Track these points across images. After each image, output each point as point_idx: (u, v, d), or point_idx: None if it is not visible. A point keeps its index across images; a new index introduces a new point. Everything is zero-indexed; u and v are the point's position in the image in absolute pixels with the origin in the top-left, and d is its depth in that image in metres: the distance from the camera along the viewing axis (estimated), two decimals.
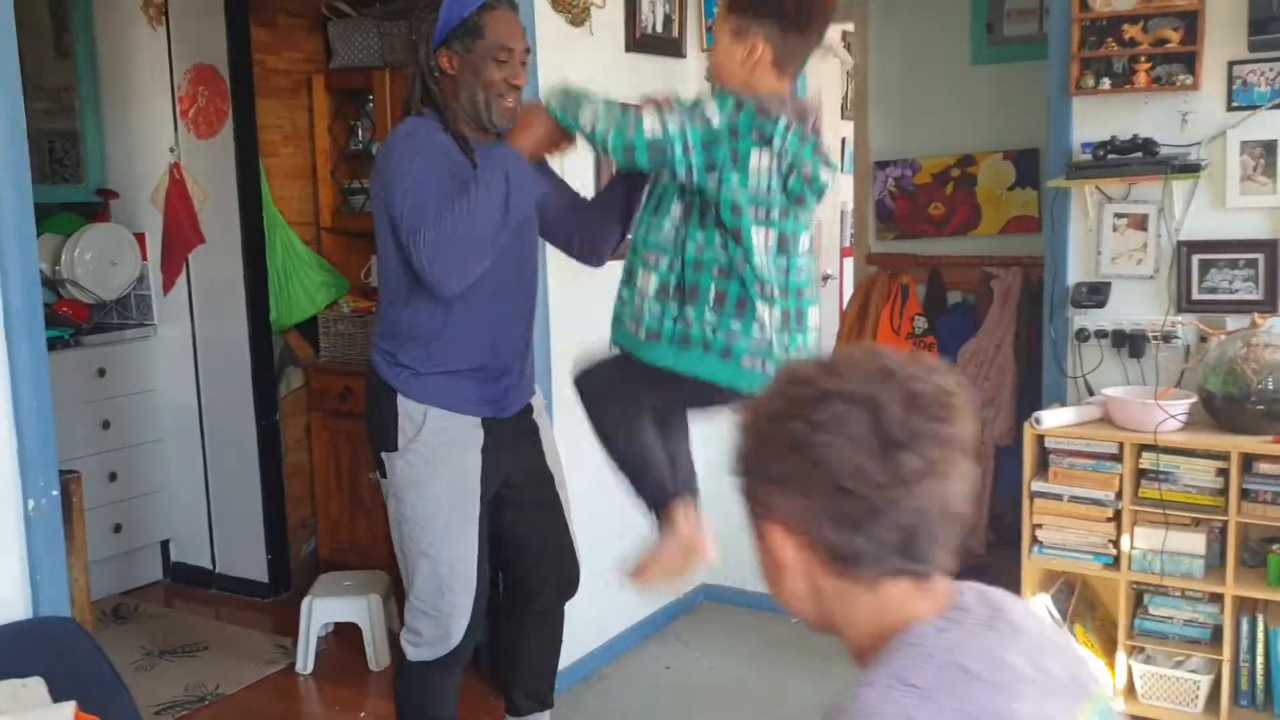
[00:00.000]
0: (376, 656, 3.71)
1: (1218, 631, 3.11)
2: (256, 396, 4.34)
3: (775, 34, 2.04)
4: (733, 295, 2.05)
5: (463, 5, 2.35)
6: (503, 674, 2.89)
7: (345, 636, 3.85)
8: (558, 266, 3.06)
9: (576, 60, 3.38)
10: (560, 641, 2.87)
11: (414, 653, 2.53)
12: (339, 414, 4.39)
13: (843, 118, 6.30)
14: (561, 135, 2.24)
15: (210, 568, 4.52)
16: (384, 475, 2.51)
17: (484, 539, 2.52)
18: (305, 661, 3.71)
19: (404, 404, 2.44)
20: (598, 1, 3.46)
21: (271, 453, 4.39)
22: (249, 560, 4.42)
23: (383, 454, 2.49)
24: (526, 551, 2.70)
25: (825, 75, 6.17)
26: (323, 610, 3.73)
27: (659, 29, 3.76)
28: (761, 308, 2.06)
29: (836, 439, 1.01)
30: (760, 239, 2.04)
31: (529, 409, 2.65)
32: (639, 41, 3.66)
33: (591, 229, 2.54)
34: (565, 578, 2.77)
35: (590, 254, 2.59)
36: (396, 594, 3.93)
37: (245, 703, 3.54)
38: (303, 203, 4.54)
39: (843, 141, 6.34)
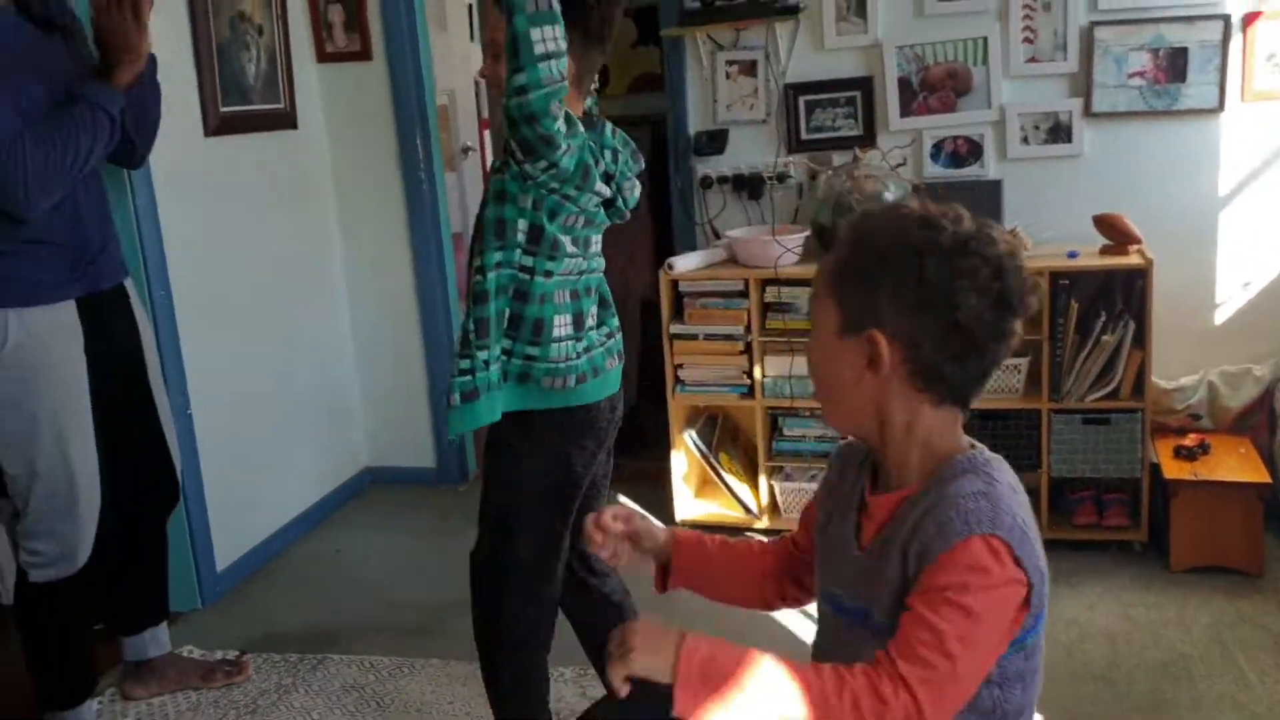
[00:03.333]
0: (6, 589, 3.39)
1: None
2: None
3: (576, 50, 1.86)
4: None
5: None
6: (112, 592, 2.68)
7: None
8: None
9: None
10: (167, 550, 2.72)
11: (39, 574, 2.33)
12: None
13: None
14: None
15: None
16: None
17: (98, 442, 2.33)
18: None
19: None
20: None
21: None
22: None
23: None
24: (116, 459, 2.50)
25: None
26: None
27: None
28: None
29: (970, 287, 1.16)
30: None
31: (124, 296, 2.45)
32: None
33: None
34: (160, 488, 2.61)
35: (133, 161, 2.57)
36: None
37: None
38: None
39: (469, 8, 6.20)
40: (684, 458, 3.50)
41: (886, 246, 1.19)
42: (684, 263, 3.40)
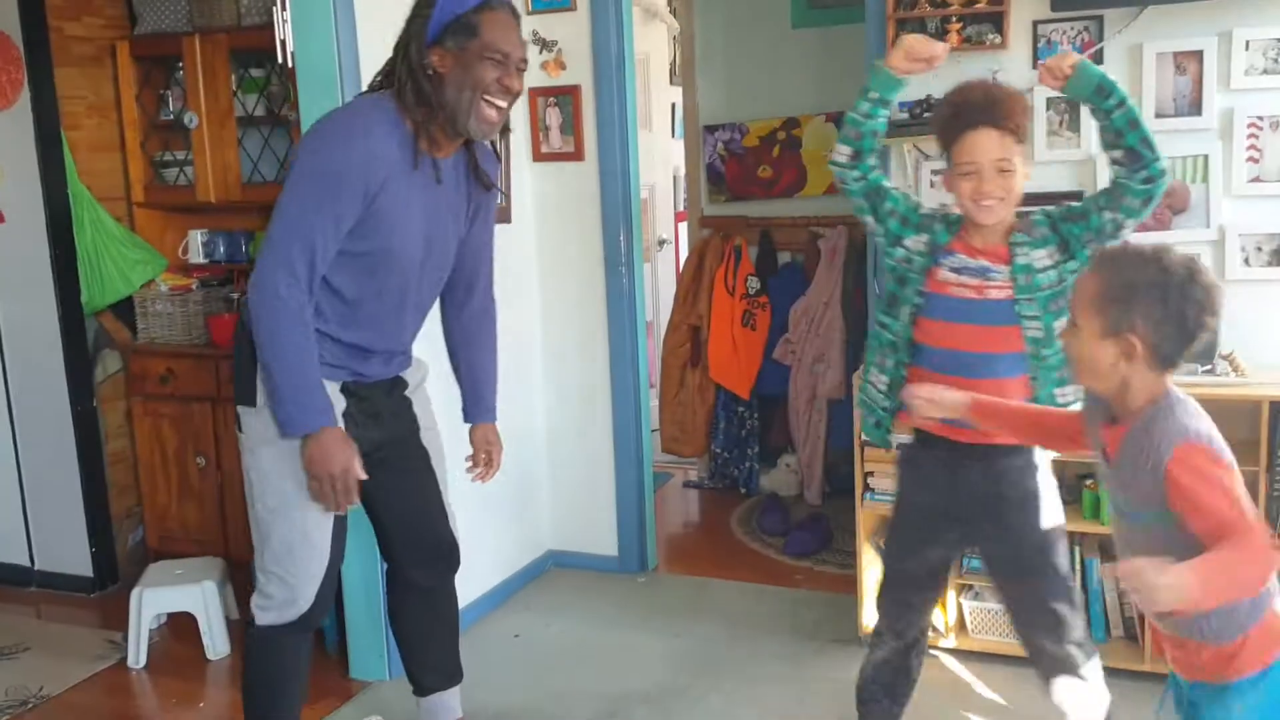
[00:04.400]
0: (214, 645, 3.58)
1: None
2: (70, 382, 4.11)
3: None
4: None
5: (459, 2, 2.27)
6: (404, 654, 2.84)
7: (180, 627, 3.71)
8: None
9: (392, 26, 3.28)
10: (456, 614, 2.84)
11: (263, 616, 2.46)
12: (161, 397, 4.21)
13: (671, 83, 6.34)
14: None
15: (29, 565, 4.28)
16: (240, 429, 2.43)
17: (382, 506, 2.50)
18: (137, 655, 3.56)
19: None
20: None
21: (90, 441, 4.17)
22: (71, 555, 4.20)
23: (240, 408, 2.41)
24: (396, 526, 2.66)
25: (653, 41, 6.18)
26: (154, 600, 3.58)
27: None
28: None
29: (1193, 306, 1.72)
30: None
31: (401, 382, 2.60)
32: None
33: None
34: (439, 554, 2.73)
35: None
36: (233, 580, 3.81)
37: (74, 702, 3.37)
38: (112, 177, 4.30)
39: (672, 107, 6.39)
40: (870, 567, 3.44)
41: (1140, 280, 1.75)
42: None
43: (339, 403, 2.42)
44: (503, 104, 2.34)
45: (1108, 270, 1.79)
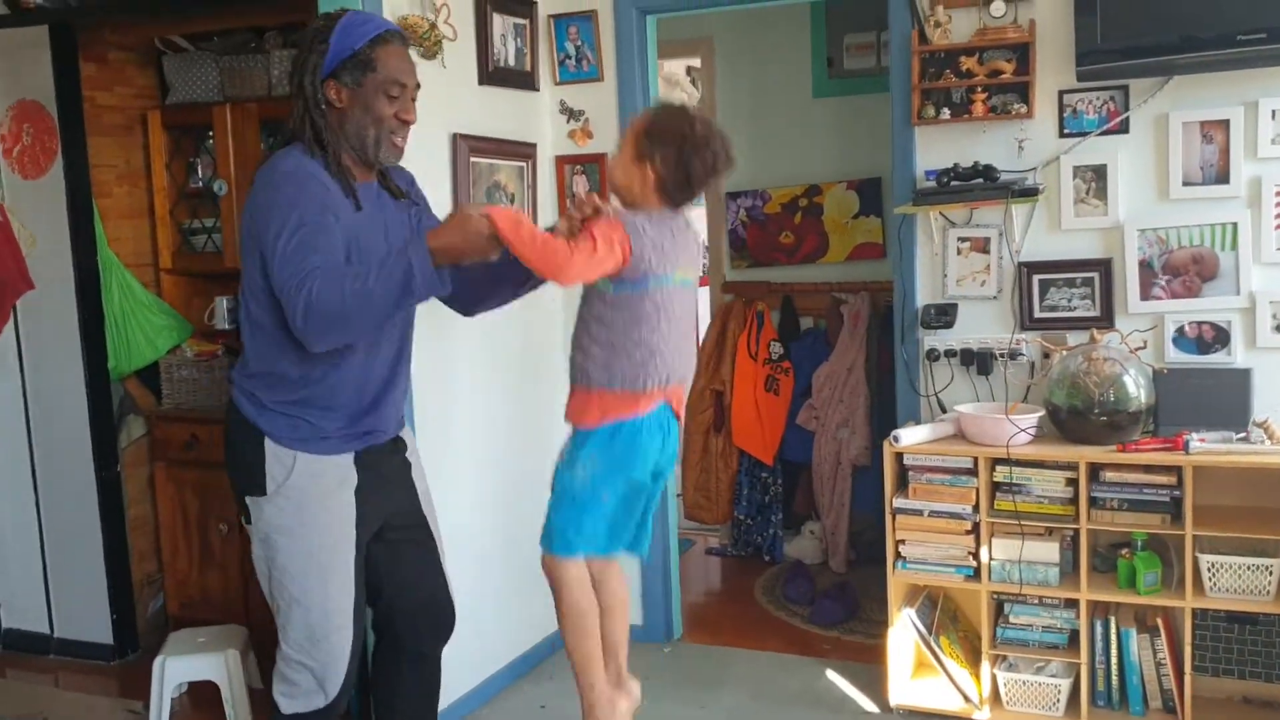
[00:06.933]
0: (236, 715, 3.53)
1: (1074, 636, 3.24)
2: (95, 448, 4.11)
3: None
4: None
5: (354, 37, 2.30)
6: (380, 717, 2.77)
7: (201, 696, 3.66)
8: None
9: (429, 93, 3.33)
10: (439, 687, 2.77)
11: (289, 705, 2.41)
12: (184, 463, 4.19)
13: None
14: (489, 247, 2.24)
15: (48, 632, 4.25)
16: (249, 520, 2.41)
17: (361, 584, 2.44)
18: None
19: (271, 447, 2.35)
20: (449, 35, 3.42)
21: (112, 507, 4.16)
22: (91, 622, 4.17)
23: (247, 499, 2.39)
24: (398, 593, 2.61)
25: None
26: (176, 670, 3.54)
27: (511, 62, 3.74)
28: None
29: (696, 160, 2.36)
30: None
31: (401, 444, 2.59)
32: (491, 75, 3.63)
33: (478, 291, 2.60)
34: (439, 620, 2.69)
35: (468, 308, 2.68)
36: (255, 648, 3.77)
37: None
38: (140, 244, 4.33)
39: None
40: (901, 636, 3.39)
41: (670, 128, 2.37)
42: (910, 435, 3.35)
43: (351, 478, 2.40)
44: (404, 135, 2.40)
45: (654, 113, 2.45)
